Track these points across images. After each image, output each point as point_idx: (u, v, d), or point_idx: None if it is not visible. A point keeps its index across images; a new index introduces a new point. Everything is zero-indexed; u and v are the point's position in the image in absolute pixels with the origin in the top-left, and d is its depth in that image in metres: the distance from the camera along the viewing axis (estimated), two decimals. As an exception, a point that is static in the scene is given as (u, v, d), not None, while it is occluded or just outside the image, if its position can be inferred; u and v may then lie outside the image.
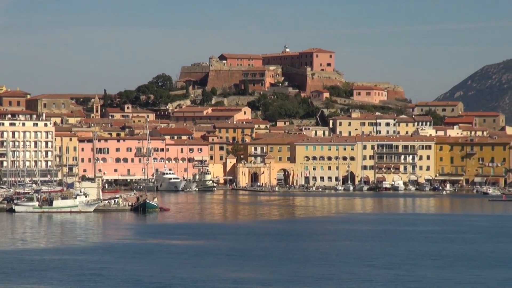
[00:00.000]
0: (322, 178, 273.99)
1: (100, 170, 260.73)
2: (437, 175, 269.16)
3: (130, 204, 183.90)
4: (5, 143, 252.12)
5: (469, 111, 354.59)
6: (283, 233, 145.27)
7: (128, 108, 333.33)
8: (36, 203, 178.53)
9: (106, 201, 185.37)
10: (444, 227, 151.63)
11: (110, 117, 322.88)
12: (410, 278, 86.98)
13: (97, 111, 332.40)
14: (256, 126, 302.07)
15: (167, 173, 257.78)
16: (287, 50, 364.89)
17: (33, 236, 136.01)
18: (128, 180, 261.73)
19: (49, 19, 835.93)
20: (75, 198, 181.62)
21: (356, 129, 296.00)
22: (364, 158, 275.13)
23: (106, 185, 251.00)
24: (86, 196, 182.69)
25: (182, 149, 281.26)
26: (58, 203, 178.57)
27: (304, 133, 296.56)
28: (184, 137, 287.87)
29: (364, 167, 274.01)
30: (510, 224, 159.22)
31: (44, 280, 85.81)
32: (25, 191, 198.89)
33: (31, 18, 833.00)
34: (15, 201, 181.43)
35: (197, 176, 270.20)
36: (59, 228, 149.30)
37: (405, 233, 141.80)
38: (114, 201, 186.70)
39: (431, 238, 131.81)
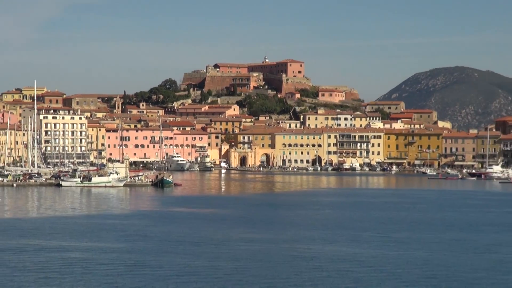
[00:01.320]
0: (296, 161, 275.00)
1: (123, 154, 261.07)
2: (386, 158, 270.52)
3: (150, 180, 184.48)
4: (49, 133, 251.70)
5: (408, 109, 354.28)
6: (273, 203, 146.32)
7: (142, 105, 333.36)
8: (78, 179, 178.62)
9: (132, 178, 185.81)
10: (398, 199, 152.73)
11: (128, 112, 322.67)
12: (385, 239, 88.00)
13: (118, 108, 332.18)
14: (243, 120, 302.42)
15: (175, 156, 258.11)
16: (267, 60, 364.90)
17: (80, 205, 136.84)
18: (145, 162, 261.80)
19: (79, 34, 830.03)
20: (109, 175, 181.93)
21: (322, 123, 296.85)
22: (329, 145, 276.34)
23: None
24: (117, 174, 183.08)
25: (186, 138, 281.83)
26: (95, 179, 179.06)
27: (281, 126, 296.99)
28: (187, 128, 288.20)
29: (329, 152, 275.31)
30: (450, 197, 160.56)
31: (101, 239, 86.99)
32: (66, 170, 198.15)
33: (65, 33, 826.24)
34: (62, 178, 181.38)
35: (199, 159, 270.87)
36: (98, 199, 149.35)
37: (367, 203, 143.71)
38: (138, 178, 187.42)
39: (391, 207, 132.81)
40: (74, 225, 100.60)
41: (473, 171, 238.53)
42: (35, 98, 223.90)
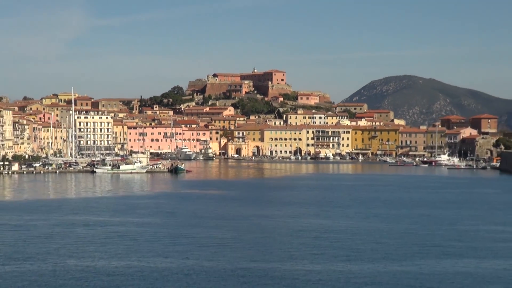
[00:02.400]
0: (281, 152, 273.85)
1: (142, 147, 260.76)
2: (353, 149, 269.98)
3: (167, 168, 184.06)
4: (81, 129, 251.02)
5: (369, 110, 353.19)
6: (268, 186, 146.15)
7: (156, 107, 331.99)
8: (109, 167, 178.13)
9: (152, 166, 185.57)
10: (368, 182, 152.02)
11: (144, 113, 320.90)
12: (367, 214, 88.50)
13: (136, 109, 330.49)
14: (237, 119, 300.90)
15: (183, 148, 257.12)
16: (255, 70, 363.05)
17: (113, 188, 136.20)
18: (159, 153, 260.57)
19: (102, 49, 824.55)
20: (134, 164, 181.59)
21: (301, 121, 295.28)
22: (307, 139, 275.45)
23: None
24: (140, 163, 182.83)
25: (192, 133, 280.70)
26: (123, 167, 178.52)
27: (268, 123, 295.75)
28: (193, 126, 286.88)
29: (307, 145, 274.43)
30: (410, 180, 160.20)
31: (139, 215, 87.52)
32: (97, 160, 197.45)
33: (90, 49, 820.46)
34: (95, 166, 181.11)
35: (203, 150, 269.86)
36: (126, 183, 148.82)
37: (344, 186, 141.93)
38: (157, 166, 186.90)
39: (364, 189, 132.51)
40: (114, 204, 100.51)
41: (425, 159, 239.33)
42: (73, 101, 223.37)
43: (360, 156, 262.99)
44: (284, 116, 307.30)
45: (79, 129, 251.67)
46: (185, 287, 46.12)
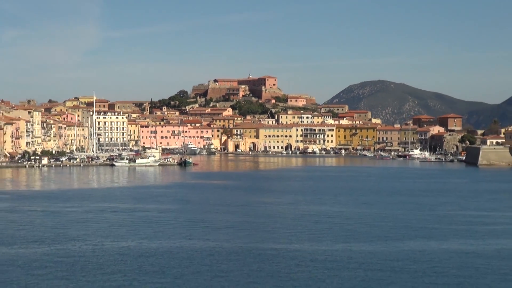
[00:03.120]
0: (274, 147, 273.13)
1: (153, 143, 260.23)
2: (337, 145, 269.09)
3: (176, 161, 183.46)
4: (100, 128, 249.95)
5: (350, 110, 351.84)
6: (266, 176, 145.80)
7: (164, 108, 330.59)
8: (126, 161, 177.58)
9: (164, 160, 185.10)
10: (353, 173, 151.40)
11: (154, 113, 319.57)
12: (357, 201, 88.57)
13: (147, 110, 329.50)
14: (235, 118, 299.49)
15: (189, 144, 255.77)
16: (251, 76, 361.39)
17: (132, 179, 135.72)
18: (168, 148, 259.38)
19: (116, 58, 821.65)
20: (148, 158, 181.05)
21: (290, 120, 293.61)
22: (296, 136, 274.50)
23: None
24: (154, 157, 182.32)
25: (196, 131, 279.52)
26: (139, 161, 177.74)
27: (262, 123, 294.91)
28: (197, 125, 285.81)
29: (296, 141, 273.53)
30: (388, 171, 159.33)
31: (159, 202, 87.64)
32: (115, 154, 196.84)
33: (105, 57, 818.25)
34: (114, 160, 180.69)
35: (206, 146, 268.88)
36: (143, 174, 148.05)
37: (331, 176, 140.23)
38: (168, 160, 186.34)
39: (350, 179, 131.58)
40: (135, 193, 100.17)
41: (400, 153, 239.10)
42: (94, 104, 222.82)
43: (343, 151, 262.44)
44: (276, 116, 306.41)
45: (98, 127, 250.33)
46: (209, 265, 46.20)
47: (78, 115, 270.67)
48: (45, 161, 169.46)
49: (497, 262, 47.35)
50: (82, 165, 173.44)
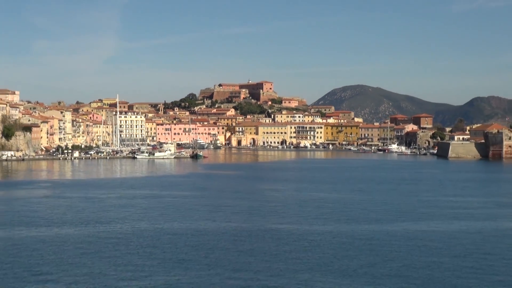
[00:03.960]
0: (271, 142, 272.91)
1: (167, 139, 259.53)
2: (325, 140, 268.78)
3: (189, 155, 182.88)
4: (122, 126, 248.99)
5: (335, 110, 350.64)
6: (269, 167, 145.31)
7: (176, 109, 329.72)
8: (146, 154, 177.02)
9: (178, 153, 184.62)
10: (342, 165, 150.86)
11: (168, 113, 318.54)
12: (352, 189, 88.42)
13: (161, 111, 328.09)
14: (237, 118, 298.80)
15: (198, 140, 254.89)
16: (250, 81, 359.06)
17: (153, 170, 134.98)
18: (180, 143, 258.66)
19: (133, 65, 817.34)
20: (165, 151, 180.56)
21: (285, 119, 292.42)
22: (290, 133, 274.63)
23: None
24: (170, 151, 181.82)
25: (204, 128, 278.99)
26: (157, 154, 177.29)
27: (261, 121, 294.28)
28: (205, 123, 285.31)
29: (290, 137, 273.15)
30: (372, 163, 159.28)
31: (179, 189, 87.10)
32: (135, 148, 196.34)
33: (123, 64, 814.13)
34: (136, 153, 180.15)
35: (212, 141, 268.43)
36: (162, 166, 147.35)
37: (324, 167, 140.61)
38: (181, 153, 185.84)
39: (341, 170, 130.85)
40: (158, 182, 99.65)
41: (379, 148, 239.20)
42: (117, 105, 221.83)
43: (330, 146, 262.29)
44: (272, 115, 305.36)
45: (120, 125, 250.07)
46: (234, 243, 46.13)
47: (102, 115, 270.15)
48: (76, 154, 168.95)
49: (480, 241, 47.49)
50: (108, 157, 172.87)
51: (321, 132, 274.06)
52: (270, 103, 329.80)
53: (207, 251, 43.07)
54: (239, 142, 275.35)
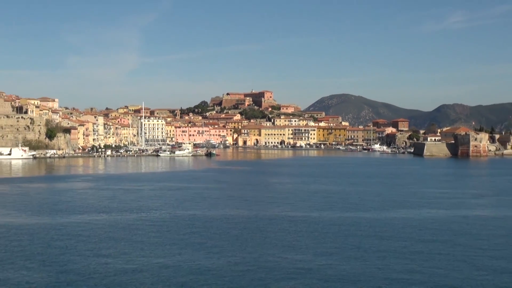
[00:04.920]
0: (271, 142, 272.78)
1: (184, 140, 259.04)
2: (318, 141, 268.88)
3: (204, 153, 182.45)
4: (145, 128, 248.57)
5: (333, 114, 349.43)
6: (272, 163, 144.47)
7: (190, 114, 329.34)
8: (168, 152, 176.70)
9: (195, 151, 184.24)
10: (334, 162, 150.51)
11: (184, 118, 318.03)
12: (348, 182, 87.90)
13: (178, 116, 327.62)
14: (243, 122, 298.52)
15: (210, 141, 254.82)
16: (253, 91, 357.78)
17: (174, 166, 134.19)
18: (195, 143, 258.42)
19: (153, 76, 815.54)
20: (184, 150, 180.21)
21: (283, 123, 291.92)
22: (288, 134, 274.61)
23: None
24: (188, 150, 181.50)
25: (215, 131, 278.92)
26: (177, 152, 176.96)
27: (263, 125, 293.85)
28: (215, 126, 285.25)
29: (288, 138, 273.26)
30: (359, 160, 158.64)
31: (200, 182, 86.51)
32: (157, 147, 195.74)
33: (145, 76, 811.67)
34: (159, 151, 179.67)
35: (222, 141, 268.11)
36: (181, 163, 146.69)
37: (320, 164, 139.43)
38: (197, 151, 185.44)
39: (334, 166, 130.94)
40: (182, 176, 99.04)
41: (364, 147, 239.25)
42: (143, 110, 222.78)
43: (322, 145, 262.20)
44: (272, 120, 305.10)
45: (144, 128, 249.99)
46: (259, 229, 45.93)
47: (129, 119, 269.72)
48: (108, 152, 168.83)
49: (466, 226, 47.46)
50: (135, 155, 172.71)
51: (314, 134, 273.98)
52: (270, 109, 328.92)
53: (237, 236, 42.94)
54: (244, 142, 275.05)
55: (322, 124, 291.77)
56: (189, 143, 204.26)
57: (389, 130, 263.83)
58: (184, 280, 30.33)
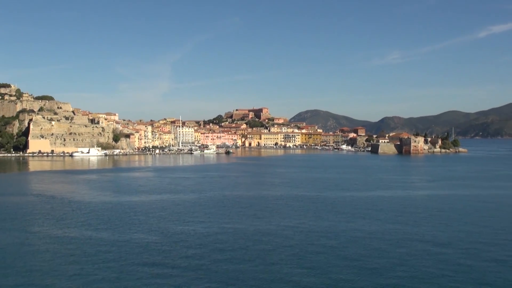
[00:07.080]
0: (269, 144, 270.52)
1: (207, 142, 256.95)
2: (302, 143, 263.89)
3: (223, 152, 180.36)
4: (181, 135, 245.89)
5: (308, 124, 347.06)
6: (274, 159, 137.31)
7: (211, 124, 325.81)
8: (199, 151, 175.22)
9: (218, 150, 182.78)
10: (318, 157, 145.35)
11: (206, 127, 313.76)
12: (340, 173, 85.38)
13: (202, 126, 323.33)
14: (248, 129, 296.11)
15: (226, 143, 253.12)
16: (254, 107, 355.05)
17: (205, 161, 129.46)
18: (216, 146, 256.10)
19: (183, 96, 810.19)
20: (210, 149, 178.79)
21: (276, 130, 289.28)
22: (280, 138, 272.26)
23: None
24: (213, 149, 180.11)
25: (229, 136, 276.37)
26: (206, 151, 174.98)
27: (262, 131, 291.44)
28: (229, 133, 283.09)
29: (281, 140, 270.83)
30: (335, 156, 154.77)
31: (234, 172, 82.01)
32: (189, 148, 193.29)
33: (174, 96, 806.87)
34: (192, 150, 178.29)
35: (234, 144, 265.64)
36: (209, 159, 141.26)
37: (309, 159, 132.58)
38: (219, 150, 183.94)
39: (319, 160, 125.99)
40: (216, 167, 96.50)
41: (335, 147, 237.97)
42: (180, 122, 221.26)
43: (305, 146, 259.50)
44: (269, 128, 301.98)
45: (180, 134, 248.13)
46: (288, 205, 45.36)
47: (168, 128, 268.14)
48: (157, 151, 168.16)
49: (428, 201, 47.53)
50: (176, 153, 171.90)
51: (298, 138, 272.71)
52: (267, 120, 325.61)
53: (272, 210, 42.90)
54: (249, 144, 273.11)
55: (304, 131, 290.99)
56: (213, 145, 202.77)
57: (352, 135, 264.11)
58: (255, 238, 30.65)
